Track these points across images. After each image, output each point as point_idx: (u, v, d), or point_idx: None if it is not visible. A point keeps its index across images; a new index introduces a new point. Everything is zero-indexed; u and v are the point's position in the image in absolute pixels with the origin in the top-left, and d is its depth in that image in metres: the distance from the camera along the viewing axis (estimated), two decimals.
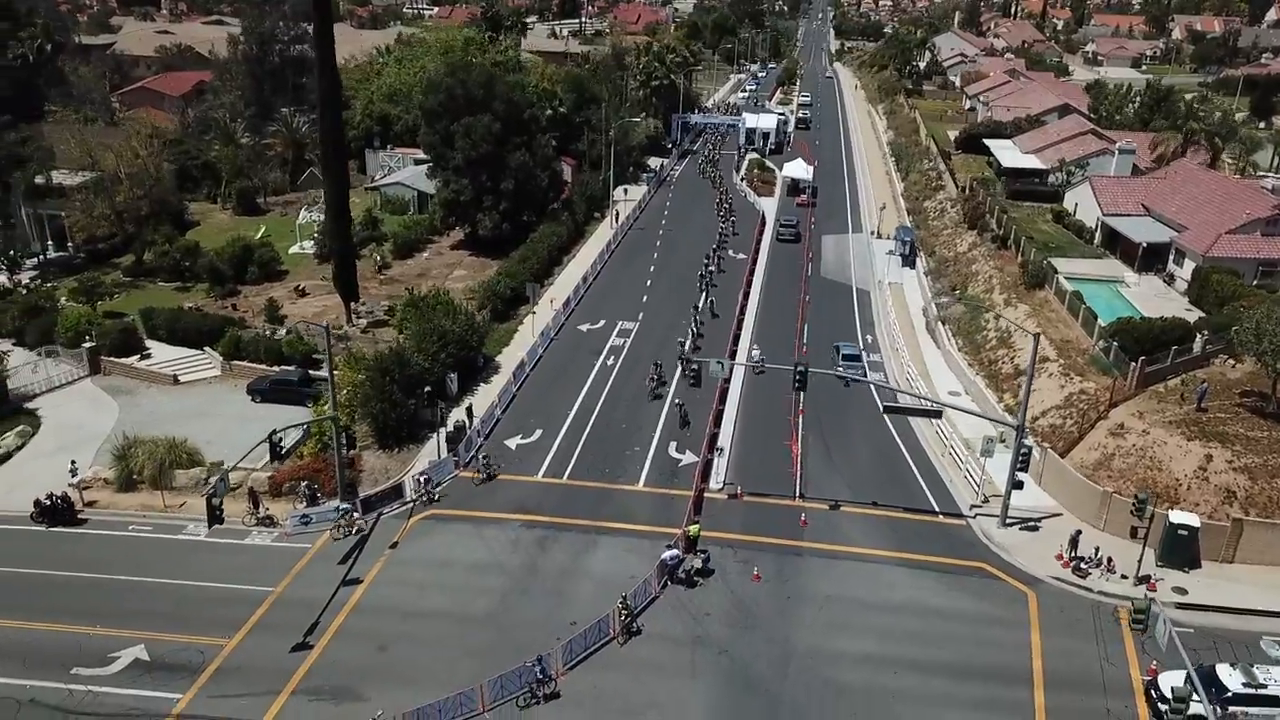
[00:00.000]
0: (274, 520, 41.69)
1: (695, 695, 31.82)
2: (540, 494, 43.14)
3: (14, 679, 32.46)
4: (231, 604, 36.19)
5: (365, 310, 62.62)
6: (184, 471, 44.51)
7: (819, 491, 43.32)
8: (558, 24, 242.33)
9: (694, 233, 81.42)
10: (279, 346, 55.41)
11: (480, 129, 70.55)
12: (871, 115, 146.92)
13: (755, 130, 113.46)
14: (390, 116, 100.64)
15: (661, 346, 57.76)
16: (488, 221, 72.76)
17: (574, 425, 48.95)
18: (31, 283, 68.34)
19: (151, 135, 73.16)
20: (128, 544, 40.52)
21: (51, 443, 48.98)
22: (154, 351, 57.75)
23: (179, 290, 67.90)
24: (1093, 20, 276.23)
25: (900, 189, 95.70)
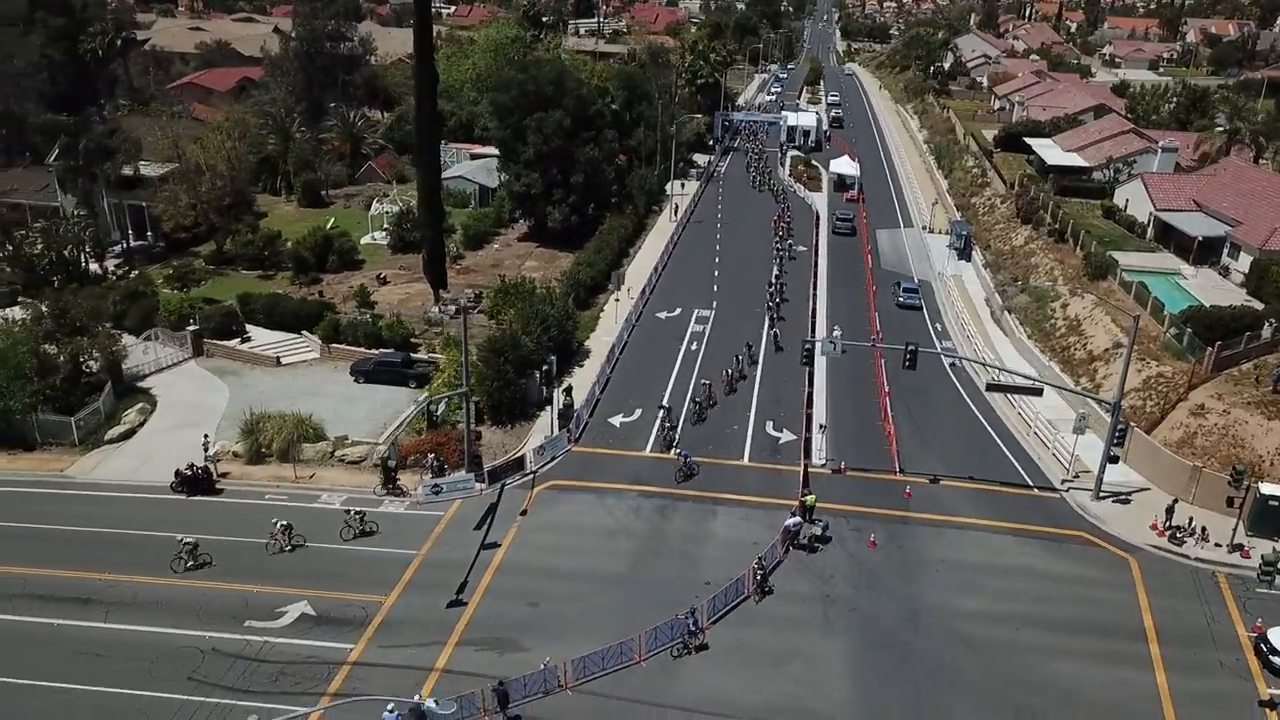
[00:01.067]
0: (403, 490, 44.01)
1: (833, 646, 34.14)
2: (651, 467, 45.48)
3: (192, 631, 34.77)
4: (380, 565, 38.49)
5: (449, 298, 64.82)
6: (311, 445, 46.75)
7: (916, 467, 45.65)
8: (574, 23, 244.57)
9: (750, 226, 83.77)
10: (378, 330, 57.68)
11: (551, 124, 72.86)
12: (901, 114, 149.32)
13: (796, 128, 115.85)
14: (444, 113, 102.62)
15: (740, 334, 60.09)
16: (557, 214, 75.01)
17: (672, 404, 51.19)
18: (118, 270, 70.71)
19: (234, 128, 75.36)
20: (269, 511, 42.69)
21: (170, 420, 51.26)
22: (253, 335, 60.11)
23: (262, 278, 70.13)
24: (1105, 23, 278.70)
25: (945, 186, 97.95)
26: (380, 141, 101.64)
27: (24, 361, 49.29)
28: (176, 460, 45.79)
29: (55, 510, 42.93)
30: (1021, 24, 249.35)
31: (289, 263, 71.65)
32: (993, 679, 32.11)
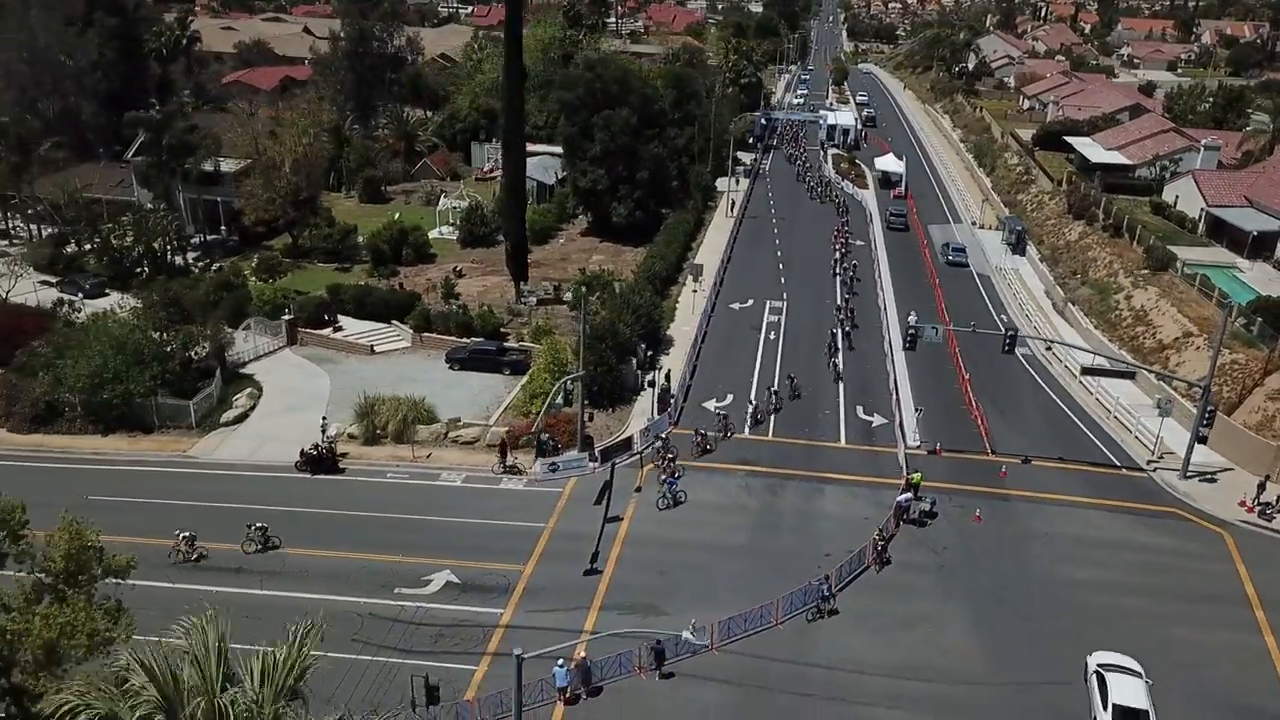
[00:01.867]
0: (519, 469, 46.04)
1: (954, 611, 36.15)
2: (753, 449, 47.50)
3: (346, 597, 36.78)
4: (513, 537, 40.50)
5: (528, 290, 66.81)
6: (425, 427, 48.77)
7: (1006, 448, 47.66)
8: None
9: (804, 222, 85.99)
10: (469, 320, 59.70)
11: (619, 122, 74.88)
12: (930, 114, 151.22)
13: (835, 127, 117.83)
14: (495, 111, 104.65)
15: (817, 325, 62.15)
16: (622, 209, 77.02)
17: (760, 391, 53.24)
18: (196, 263, 72.86)
19: (311, 125, 77.38)
20: (392, 489, 44.87)
21: (278, 405, 53.33)
22: (344, 324, 62.13)
23: (338, 270, 72.15)
24: (1120, 24, 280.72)
25: (988, 184, 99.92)
26: (433, 139, 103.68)
27: (142, 347, 51.40)
28: (291, 442, 47.91)
29: (188, 488, 44.89)
30: (1040, 25, 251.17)
31: (365, 256, 73.82)
32: (1112, 640, 34.06)
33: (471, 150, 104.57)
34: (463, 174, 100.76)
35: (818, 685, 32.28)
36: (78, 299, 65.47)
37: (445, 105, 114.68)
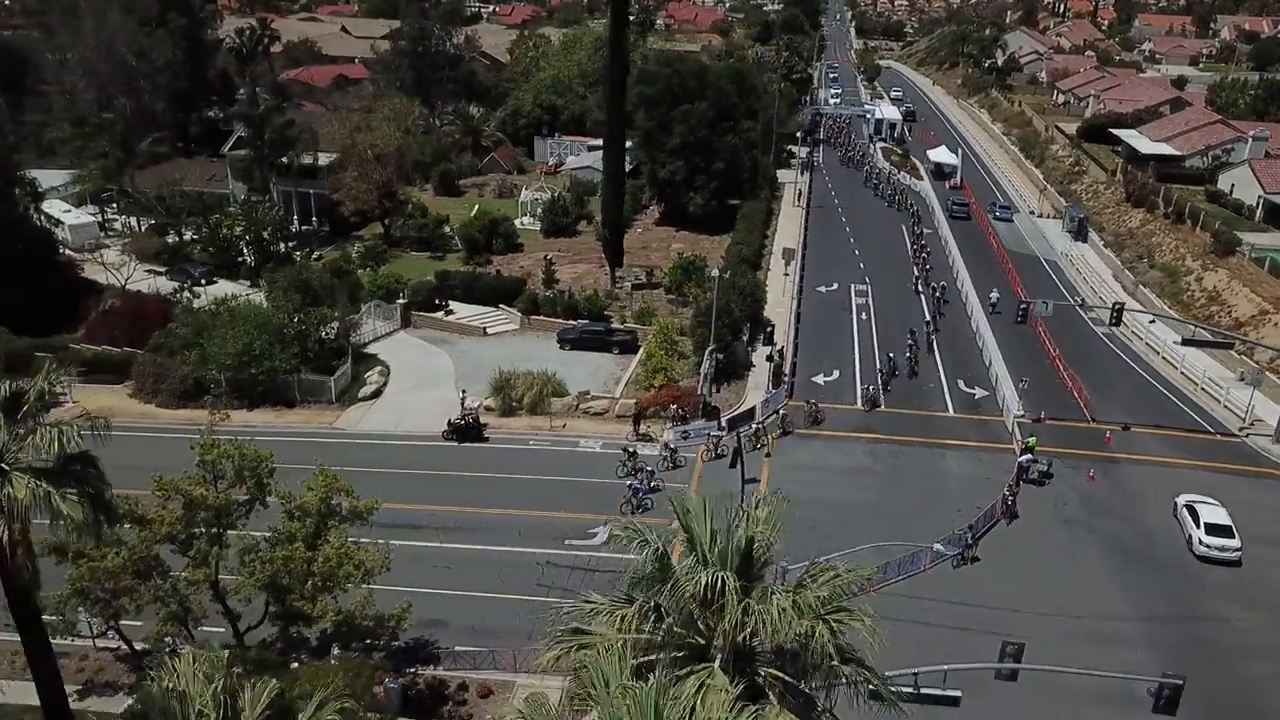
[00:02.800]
0: (651, 437, 49.23)
1: (1086, 558, 39.33)
2: (868, 419, 50.69)
3: (522, 548, 40.02)
4: (659, 496, 43.66)
5: (619, 276, 69.97)
6: (558, 399, 52.01)
7: (1104, 416, 50.80)
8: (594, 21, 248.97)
9: (866, 211, 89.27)
10: (575, 303, 62.91)
11: (697, 115, 78.04)
12: (965, 108, 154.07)
13: (883, 121, 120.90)
14: (557, 107, 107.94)
15: (901, 306, 65.39)
16: (699, 199, 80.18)
17: (864, 366, 56.46)
18: (293, 252, 76.03)
19: (404, 120, 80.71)
20: (537, 454, 48.14)
21: (407, 382, 56.60)
22: (455, 308, 65.34)
23: (432, 258, 75.31)
24: (1138, 19, 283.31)
25: (1038, 175, 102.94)
26: (497, 134, 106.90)
27: (283, 327, 54.69)
28: (428, 415, 51.26)
29: (342, 455, 47.60)
30: (1062, 21, 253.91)
31: (457, 244, 77.00)
32: (1241, 585, 37.24)
33: (534, 145, 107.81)
34: (527, 168, 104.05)
35: (974, 621, 35.40)
36: (188, 285, 68.77)
37: (501, 102, 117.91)
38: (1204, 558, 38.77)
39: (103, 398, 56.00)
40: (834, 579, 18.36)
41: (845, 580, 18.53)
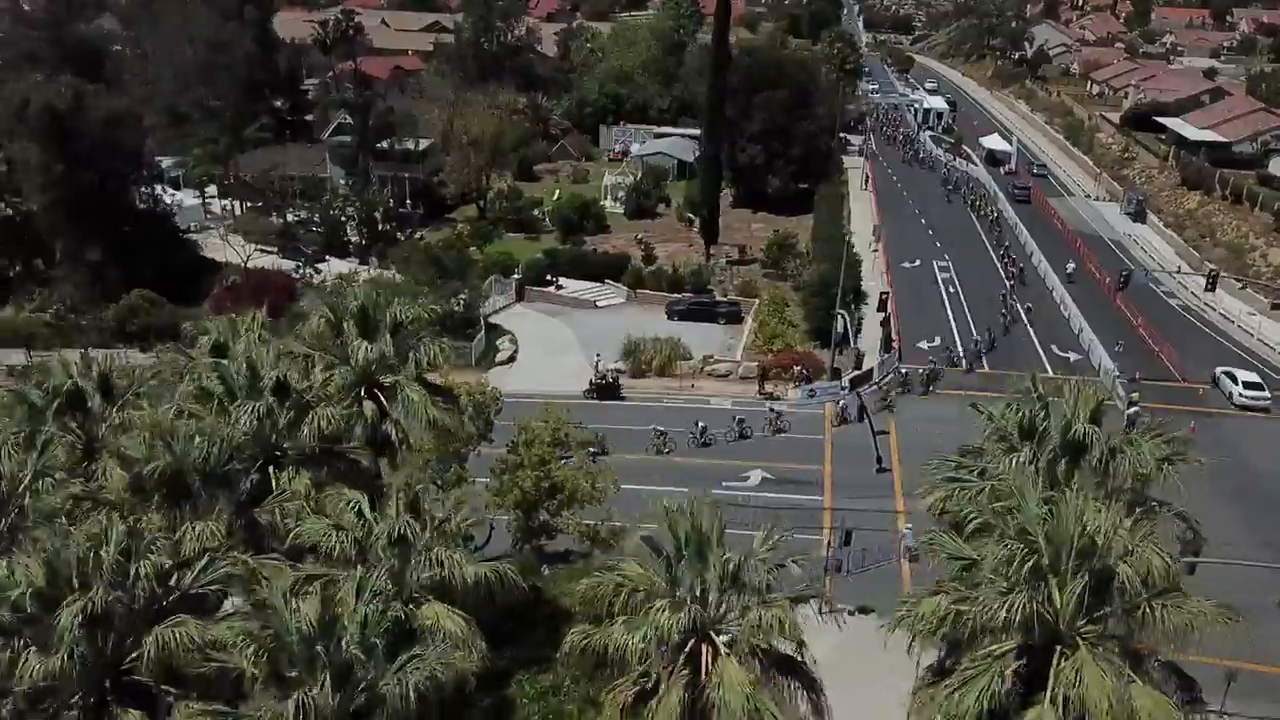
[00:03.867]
0: (777, 395, 53.45)
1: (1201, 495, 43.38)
2: (977, 378, 54.84)
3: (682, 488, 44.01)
4: (800, 446, 47.95)
5: (714, 253, 74.04)
6: (684, 362, 56.22)
7: (1192, 376, 54.98)
8: (630, 15, 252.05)
9: (929, 194, 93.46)
10: (680, 277, 67.07)
11: (777, 102, 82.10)
12: (1001, 99, 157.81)
13: (930, 110, 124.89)
14: (622, 97, 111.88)
15: (983, 278, 69.64)
16: (777, 182, 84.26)
17: (961, 333, 60.63)
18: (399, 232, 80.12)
19: (505, 106, 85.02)
20: (671, 410, 52.17)
21: (536, 349, 60.83)
22: (565, 284, 69.48)
23: (528, 239, 79.41)
24: (1153, 13, 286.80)
25: (1088, 161, 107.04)
26: (565, 123, 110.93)
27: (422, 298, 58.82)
28: (564, 377, 55.48)
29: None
30: (1083, 14, 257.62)
31: (548, 225, 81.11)
32: None
33: (599, 133, 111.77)
34: (594, 155, 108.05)
35: None
36: (307, 263, 72.88)
37: (554, 92, 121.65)
38: (1244, 406, 50.82)
39: None
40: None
41: None
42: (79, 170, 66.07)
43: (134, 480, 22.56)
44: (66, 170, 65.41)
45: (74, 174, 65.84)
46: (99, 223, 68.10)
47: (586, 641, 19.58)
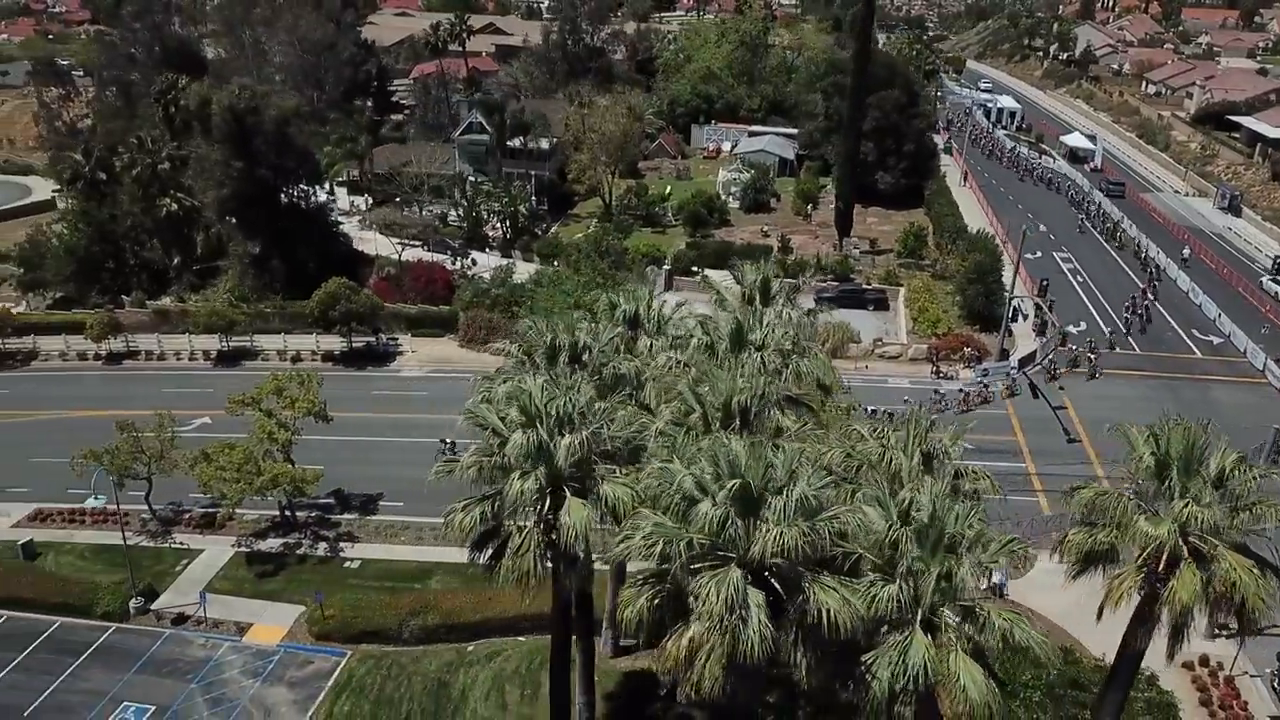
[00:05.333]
0: (946, 375, 57.31)
1: None
2: (1127, 359, 58.73)
3: None
4: (986, 419, 51.66)
5: (849, 243, 77.72)
6: (855, 345, 60.05)
7: None
8: (660, 16, 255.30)
9: (1023, 189, 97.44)
10: (824, 267, 70.93)
11: (890, 101, 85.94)
12: (1058, 98, 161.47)
13: (1004, 110, 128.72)
14: (713, 96, 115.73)
15: (1106, 268, 73.60)
16: (889, 178, 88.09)
17: (1102, 317, 64.48)
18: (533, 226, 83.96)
19: (630, 108, 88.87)
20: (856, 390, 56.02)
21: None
22: (709, 273, 73.18)
23: (655, 233, 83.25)
24: (1183, 13, 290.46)
25: (1165, 158, 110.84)
26: (660, 121, 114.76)
27: (599, 284, 62.74)
28: None
29: None
30: (1113, 15, 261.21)
31: (671, 219, 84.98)
32: None
33: (691, 131, 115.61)
34: (690, 153, 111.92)
35: None
36: (461, 255, 76.67)
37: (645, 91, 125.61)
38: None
39: (436, 347, 64.59)
40: None
41: None
42: (255, 167, 69.96)
43: None
44: (245, 167, 69.22)
45: (251, 171, 69.69)
46: (267, 217, 71.99)
47: None
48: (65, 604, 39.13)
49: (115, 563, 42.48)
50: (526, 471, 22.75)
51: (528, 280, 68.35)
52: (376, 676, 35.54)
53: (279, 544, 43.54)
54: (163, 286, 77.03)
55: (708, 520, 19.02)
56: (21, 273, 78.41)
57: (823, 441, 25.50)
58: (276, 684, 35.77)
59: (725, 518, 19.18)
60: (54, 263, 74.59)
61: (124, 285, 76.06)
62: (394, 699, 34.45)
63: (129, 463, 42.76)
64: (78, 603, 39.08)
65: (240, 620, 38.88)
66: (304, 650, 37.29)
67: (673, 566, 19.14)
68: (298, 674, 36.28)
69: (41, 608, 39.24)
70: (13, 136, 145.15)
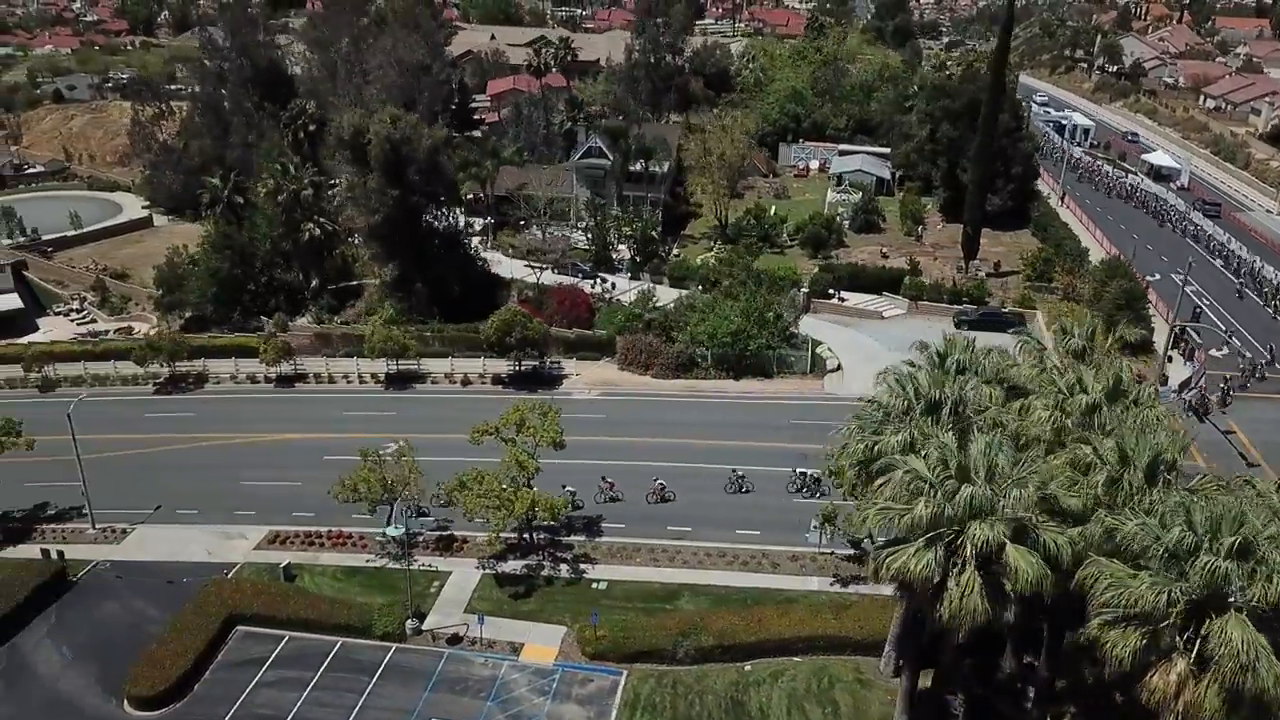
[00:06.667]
0: None
1: None
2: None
3: None
4: None
5: (975, 265, 79.92)
6: (1013, 367, 62.15)
7: None
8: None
9: (1117, 208, 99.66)
10: (958, 290, 73.22)
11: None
12: (1116, 113, 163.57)
13: (1077, 127, 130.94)
14: (800, 115, 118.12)
15: (1227, 292, 75.92)
16: (997, 200, 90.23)
17: (1242, 340, 66.80)
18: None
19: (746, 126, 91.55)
20: None
21: (851, 356, 66.82)
22: (845, 296, 75.61)
23: (774, 253, 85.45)
24: (1215, 22, 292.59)
25: (1248, 177, 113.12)
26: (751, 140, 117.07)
27: (762, 311, 65.10)
28: None
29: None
30: (1158, 25, 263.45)
31: (787, 240, 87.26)
32: None
33: (778, 150, 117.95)
34: (780, 171, 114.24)
35: None
36: (599, 279, 78.97)
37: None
38: None
39: (597, 370, 66.93)
40: None
41: None
42: (409, 194, 72.36)
43: None
44: (401, 195, 71.60)
45: (405, 198, 72.08)
46: (408, 240, 74.29)
47: None
48: (345, 625, 41.47)
49: (369, 584, 45.01)
50: (981, 519, 25.09)
51: (674, 303, 70.58)
52: (663, 695, 37.83)
53: (520, 566, 45.87)
54: (296, 308, 79.58)
55: (1206, 570, 21.45)
56: (160, 294, 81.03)
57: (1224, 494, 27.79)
58: (566, 701, 38.09)
59: (1224, 571, 21.66)
60: (197, 285, 76.94)
61: (262, 307, 78.66)
62: (689, 716, 36.74)
63: (381, 491, 45.17)
64: (357, 624, 41.40)
65: (511, 640, 41.22)
66: (581, 669, 39.61)
67: (1154, 607, 21.57)
68: (582, 691, 38.61)
69: (321, 628, 41.61)
70: (91, 152, 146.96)
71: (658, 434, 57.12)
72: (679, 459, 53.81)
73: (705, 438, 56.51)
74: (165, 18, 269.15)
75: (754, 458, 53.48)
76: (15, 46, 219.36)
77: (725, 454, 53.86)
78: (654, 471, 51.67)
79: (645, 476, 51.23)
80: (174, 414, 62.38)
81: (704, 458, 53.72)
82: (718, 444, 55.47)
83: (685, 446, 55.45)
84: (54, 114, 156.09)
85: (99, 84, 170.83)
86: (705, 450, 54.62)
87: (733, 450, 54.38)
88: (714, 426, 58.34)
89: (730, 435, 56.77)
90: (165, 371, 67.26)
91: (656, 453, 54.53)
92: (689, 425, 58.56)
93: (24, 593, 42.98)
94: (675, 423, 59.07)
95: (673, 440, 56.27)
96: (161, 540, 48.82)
